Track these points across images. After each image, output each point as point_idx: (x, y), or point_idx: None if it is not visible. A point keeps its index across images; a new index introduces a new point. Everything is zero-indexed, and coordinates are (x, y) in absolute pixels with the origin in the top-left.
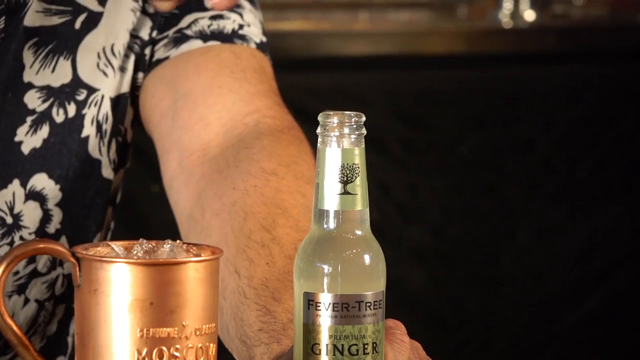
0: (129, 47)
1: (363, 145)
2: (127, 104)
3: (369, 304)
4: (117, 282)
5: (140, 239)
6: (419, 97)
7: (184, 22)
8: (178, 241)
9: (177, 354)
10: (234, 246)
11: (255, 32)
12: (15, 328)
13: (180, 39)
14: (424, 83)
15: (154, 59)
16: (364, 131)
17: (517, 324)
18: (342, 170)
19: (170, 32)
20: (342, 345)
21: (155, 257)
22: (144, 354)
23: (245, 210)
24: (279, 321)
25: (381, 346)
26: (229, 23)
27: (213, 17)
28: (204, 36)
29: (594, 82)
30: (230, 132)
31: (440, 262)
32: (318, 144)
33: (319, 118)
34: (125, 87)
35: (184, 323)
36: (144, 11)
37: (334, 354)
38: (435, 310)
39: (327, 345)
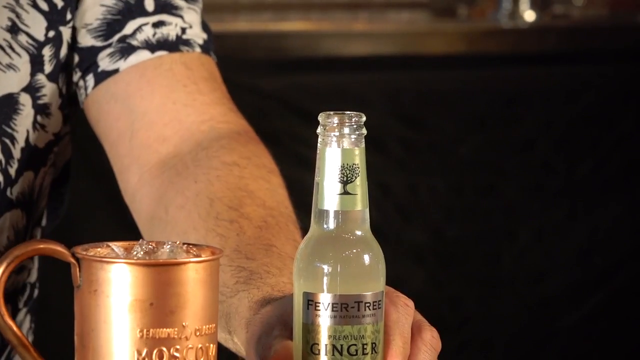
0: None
1: (363, 146)
2: (15, 105)
3: (369, 304)
4: (117, 283)
5: (140, 240)
6: (419, 97)
7: (128, 29)
8: (178, 242)
9: (177, 354)
10: (204, 228)
11: (197, 32)
12: (15, 328)
13: (127, 49)
14: (424, 83)
15: (100, 69)
16: (364, 131)
17: (517, 323)
18: (342, 170)
19: (114, 40)
20: (341, 345)
21: (155, 258)
22: (144, 354)
23: (210, 197)
24: (255, 273)
25: (380, 346)
26: (172, 29)
27: (155, 25)
28: (150, 46)
29: (594, 82)
30: (187, 141)
31: (440, 262)
32: (318, 144)
33: (319, 118)
34: (15, 87)
35: (184, 324)
36: (35, 6)
37: (333, 354)
38: (435, 310)
39: (326, 345)
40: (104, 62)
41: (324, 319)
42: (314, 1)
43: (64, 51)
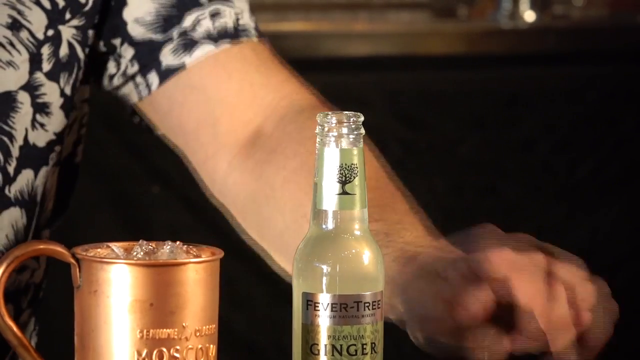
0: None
1: (362, 146)
2: (13, 103)
3: (368, 304)
4: (117, 283)
5: (140, 240)
6: (419, 97)
7: (187, 23)
8: (178, 242)
9: (177, 355)
10: (304, 195)
11: (247, 18)
12: (15, 329)
13: (190, 44)
14: (424, 83)
15: (164, 65)
16: (362, 131)
17: None
18: (340, 170)
19: (174, 35)
20: (341, 345)
21: (155, 258)
22: (144, 355)
23: (311, 170)
24: (389, 234)
25: (380, 346)
26: (228, 18)
27: (212, 16)
28: (213, 38)
29: (594, 82)
30: (271, 119)
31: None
32: (317, 144)
33: (317, 118)
34: (13, 85)
35: (183, 324)
36: (38, 3)
37: (333, 354)
38: None
39: (325, 345)
40: (167, 58)
41: (324, 319)
42: (314, 1)
43: (64, 50)
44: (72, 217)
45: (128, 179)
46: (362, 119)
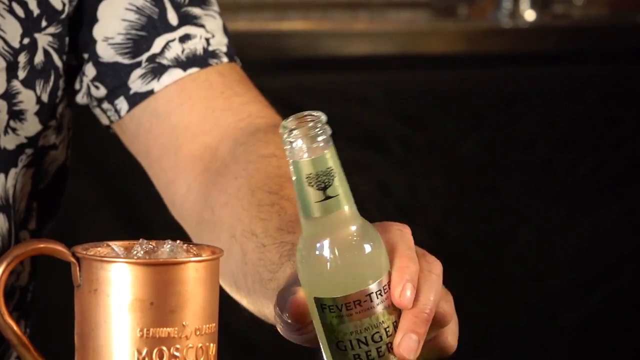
0: None
1: (332, 145)
2: None
3: (379, 292)
4: (118, 282)
5: (141, 239)
6: (419, 97)
7: (156, 47)
8: (178, 241)
9: (177, 353)
10: (247, 218)
11: (220, 40)
12: (15, 328)
13: (158, 69)
14: (424, 83)
15: (132, 92)
16: (328, 131)
17: (517, 323)
18: (318, 178)
19: (143, 59)
20: (365, 337)
21: (155, 257)
22: (144, 353)
23: (251, 188)
24: (296, 244)
25: (399, 319)
26: (198, 42)
27: (182, 40)
28: (181, 64)
29: (594, 82)
30: (225, 142)
31: (441, 262)
32: (287, 157)
33: (280, 131)
34: None
35: (184, 323)
36: (11, 11)
37: (360, 346)
38: None
39: (350, 341)
40: (136, 84)
41: (341, 319)
42: (314, 1)
43: (39, 57)
44: (72, 216)
45: (128, 179)
46: (324, 118)
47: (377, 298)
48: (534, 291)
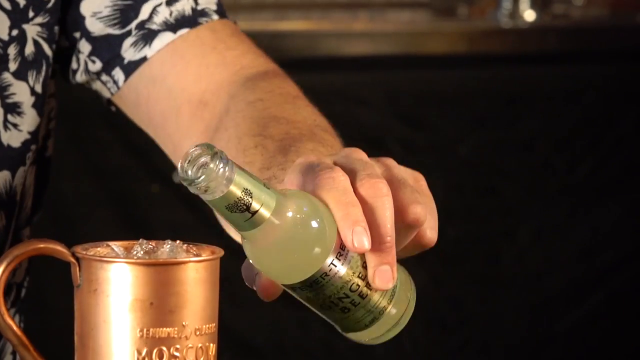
0: None
1: (232, 167)
2: None
3: (338, 255)
4: (117, 282)
5: (140, 239)
6: (419, 97)
7: (144, 13)
8: (178, 241)
9: (177, 354)
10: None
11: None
12: (15, 328)
13: (149, 35)
14: (424, 83)
15: (126, 61)
16: (222, 160)
17: (517, 324)
18: (237, 206)
19: (133, 27)
20: (343, 292)
21: (155, 257)
22: (143, 354)
23: (238, 136)
24: (272, 178)
25: (364, 272)
26: (185, 3)
27: (169, 3)
28: (171, 26)
29: (594, 82)
30: (221, 97)
31: (440, 262)
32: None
33: (182, 183)
34: None
35: (183, 323)
36: None
37: (342, 301)
38: (435, 310)
39: (331, 301)
40: (129, 53)
41: (315, 291)
42: (314, 1)
43: (29, 49)
44: (72, 216)
45: (128, 179)
46: (211, 151)
47: (339, 260)
48: (533, 291)
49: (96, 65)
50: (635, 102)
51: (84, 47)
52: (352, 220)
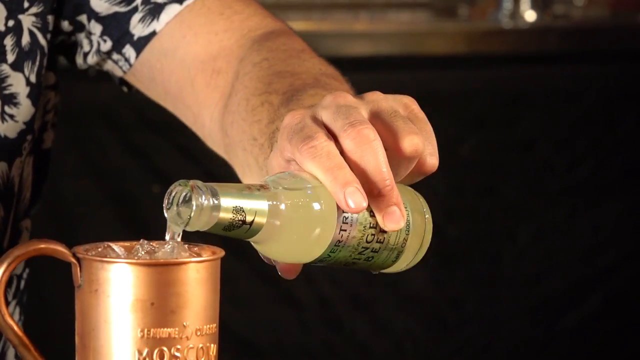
0: None
1: (217, 195)
2: None
3: (344, 220)
4: (118, 283)
5: (141, 240)
6: (419, 97)
7: None
8: (178, 242)
9: (177, 354)
10: (247, 126)
11: None
12: (16, 328)
13: (155, 9)
14: (424, 83)
15: (136, 37)
16: (204, 193)
17: (517, 323)
18: (233, 225)
19: (139, 3)
20: (362, 247)
21: (156, 258)
22: (144, 354)
23: (246, 97)
24: (276, 131)
25: (374, 220)
26: None
27: None
28: None
29: (594, 82)
30: (233, 62)
31: (441, 262)
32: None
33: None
34: None
35: (184, 323)
36: None
37: (362, 254)
38: (435, 310)
39: (353, 258)
40: (137, 29)
41: (333, 259)
42: (315, 1)
43: (25, 39)
44: (72, 217)
45: (128, 179)
46: (187, 187)
47: (346, 224)
48: (534, 291)
49: (107, 45)
50: (635, 102)
51: (95, 28)
52: (341, 183)
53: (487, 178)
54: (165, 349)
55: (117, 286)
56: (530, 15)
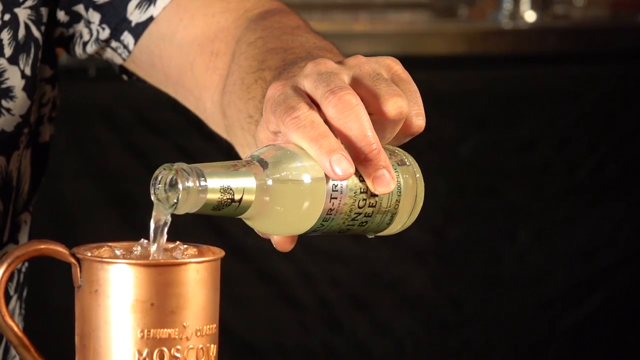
0: None
1: (203, 175)
2: None
3: (334, 188)
4: (118, 283)
5: (141, 240)
6: None
7: None
8: (178, 242)
9: (178, 354)
10: (243, 104)
11: None
12: (15, 328)
13: None
14: (424, 83)
15: (133, 24)
16: (189, 178)
17: (517, 324)
18: (222, 204)
19: None
20: (355, 212)
21: (155, 258)
22: (144, 354)
23: (241, 77)
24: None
25: (364, 185)
26: None
27: None
28: None
29: (595, 83)
30: (230, 44)
31: (441, 262)
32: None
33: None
34: None
35: (184, 324)
36: None
37: (356, 219)
38: (435, 311)
39: (347, 225)
40: (135, 15)
41: (327, 227)
42: (315, 1)
43: (21, 32)
44: (72, 218)
45: (128, 179)
46: (172, 171)
47: (336, 192)
48: (534, 291)
49: (105, 32)
50: (636, 102)
51: (94, 16)
52: (326, 151)
53: (487, 178)
54: (165, 349)
55: (117, 287)
56: (530, 16)
